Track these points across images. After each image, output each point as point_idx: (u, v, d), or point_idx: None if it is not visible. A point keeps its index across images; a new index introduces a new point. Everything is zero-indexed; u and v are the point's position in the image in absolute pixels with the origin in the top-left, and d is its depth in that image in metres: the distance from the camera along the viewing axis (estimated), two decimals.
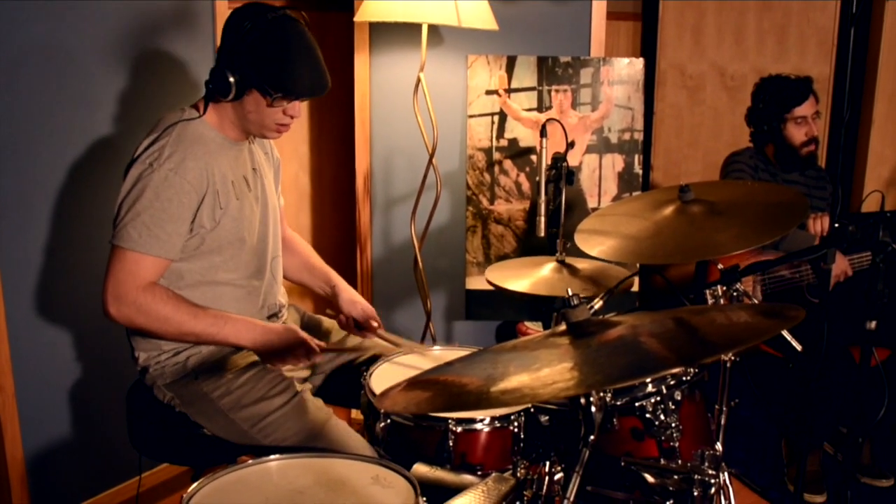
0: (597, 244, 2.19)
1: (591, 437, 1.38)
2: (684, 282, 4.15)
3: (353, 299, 2.53)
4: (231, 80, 2.09)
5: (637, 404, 1.90)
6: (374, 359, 2.39)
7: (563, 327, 1.42)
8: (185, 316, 2.09)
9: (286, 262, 2.56)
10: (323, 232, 3.89)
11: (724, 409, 2.22)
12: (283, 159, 2.57)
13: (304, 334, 2.16)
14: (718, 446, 2.09)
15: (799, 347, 2.17)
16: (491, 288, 2.55)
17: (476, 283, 3.47)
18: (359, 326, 2.51)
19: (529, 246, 3.44)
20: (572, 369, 1.23)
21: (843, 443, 3.39)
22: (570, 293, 1.39)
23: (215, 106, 2.20)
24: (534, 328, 3.63)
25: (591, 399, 1.36)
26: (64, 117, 2.66)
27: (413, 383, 1.44)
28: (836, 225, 2.32)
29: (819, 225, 3.14)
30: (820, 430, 3.19)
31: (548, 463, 1.75)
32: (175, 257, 2.12)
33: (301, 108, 2.21)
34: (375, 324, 2.50)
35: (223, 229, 2.18)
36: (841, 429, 3.38)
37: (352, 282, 3.59)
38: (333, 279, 2.58)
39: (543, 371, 1.24)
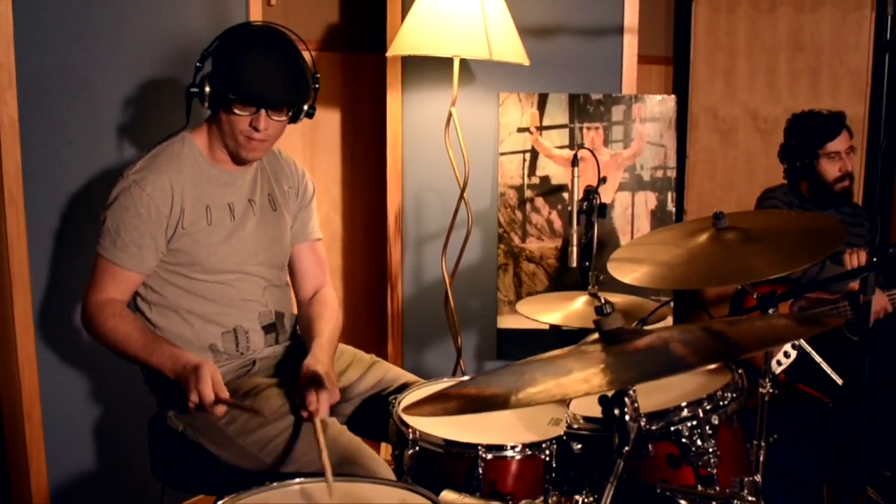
0: (630, 271, 2.15)
1: (626, 448, 1.33)
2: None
3: (306, 364, 2.16)
4: (206, 86, 2.11)
5: (672, 429, 1.84)
6: (405, 387, 2.36)
7: (594, 337, 1.39)
8: (122, 336, 2.10)
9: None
10: (354, 273, 3.87)
11: (763, 444, 2.15)
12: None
13: (201, 386, 1.97)
14: (758, 477, 2.01)
15: (840, 381, 2.12)
16: (523, 327, 2.51)
17: (508, 321, 3.42)
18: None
19: (561, 284, 3.41)
20: (604, 370, 1.20)
21: (887, 487, 3.28)
22: (604, 300, 1.35)
23: (208, 128, 2.23)
24: None
25: (625, 409, 1.32)
26: (92, 135, 2.69)
27: (439, 395, 1.41)
28: (874, 259, 2.27)
29: (856, 259, 3.08)
30: (863, 475, 3.09)
31: (580, 496, 1.70)
32: (135, 269, 2.14)
33: (269, 125, 2.13)
34: (306, 412, 2.06)
35: (180, 252, 2.19)
36: (885, 473, 3.28)
37: (382, 321, 3.58)
38: (312, 344, 2.26)
39: (574, 374, 1.21)
